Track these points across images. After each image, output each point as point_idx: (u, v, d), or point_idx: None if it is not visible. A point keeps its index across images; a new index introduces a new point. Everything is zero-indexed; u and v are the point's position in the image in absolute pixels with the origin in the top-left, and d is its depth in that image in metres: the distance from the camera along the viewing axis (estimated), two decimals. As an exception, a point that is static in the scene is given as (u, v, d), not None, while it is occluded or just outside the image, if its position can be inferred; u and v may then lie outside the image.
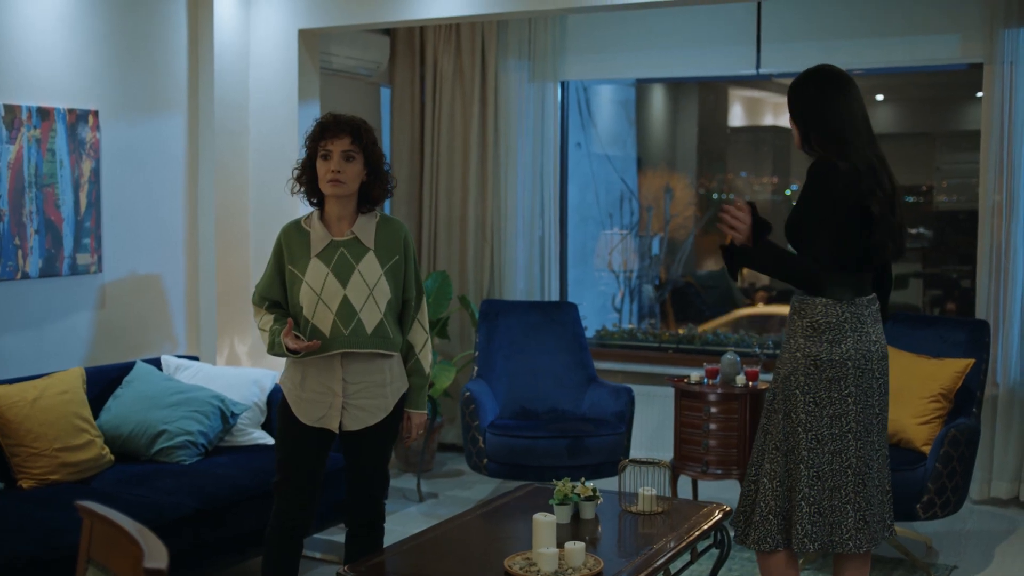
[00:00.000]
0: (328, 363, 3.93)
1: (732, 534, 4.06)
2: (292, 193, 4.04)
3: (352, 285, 3.90)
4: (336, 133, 3.88)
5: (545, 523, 3.76)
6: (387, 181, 4.02)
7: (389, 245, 4.00)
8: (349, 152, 3.88)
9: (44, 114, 5.05)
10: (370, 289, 3.91)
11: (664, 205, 8.93)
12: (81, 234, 5.25)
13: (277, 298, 4.00)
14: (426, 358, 4.14)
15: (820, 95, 3.80)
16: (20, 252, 4.97)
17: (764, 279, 9.27)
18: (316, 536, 5.45)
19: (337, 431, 4.01)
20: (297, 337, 3.86)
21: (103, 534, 2.08)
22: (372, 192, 3.98)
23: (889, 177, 3.76)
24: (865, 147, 3.74)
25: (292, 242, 3.97)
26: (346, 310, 3.88)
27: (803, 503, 3.70)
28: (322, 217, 3.99)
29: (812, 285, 3.71)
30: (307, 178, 3.97)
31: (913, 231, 9.65)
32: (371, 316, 3.91)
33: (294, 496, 4.02)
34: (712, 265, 9.62)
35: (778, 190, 9.83)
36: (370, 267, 3.93)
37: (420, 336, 4.13)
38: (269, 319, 3.98)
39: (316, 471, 4.08)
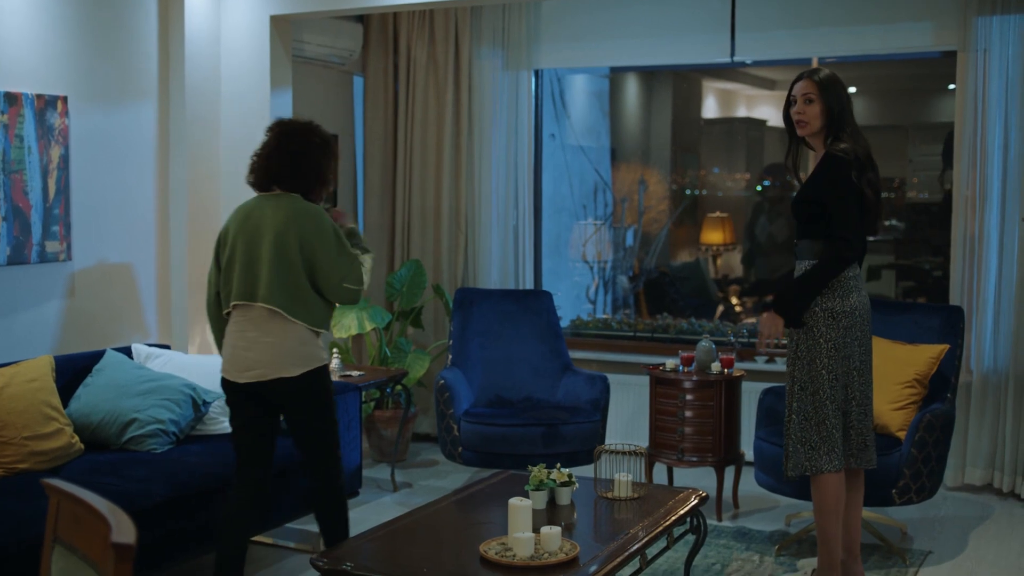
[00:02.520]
0: None
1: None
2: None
3: None
4: None
5: (521, 507, 3.73)
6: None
7: None
8: None
9: (12, 99, 4.98)
10: None
11: (638, 197, 8.91)
12: (50, 221, 5.18)
13: None
14: None
15: (846, 95, 4.43)
16: (-13, 239, 4.90)
17: (737, 271, 9.28)
18: (289, 526, 5.41)
19: None
20: None
21: (70, 512, 2.03)
22: None
23: (875, 167, 4.42)
24: (861, 141, 4.40)
25: None
26: None
27: (835, 432, 4.37)
28: None
29: (838, 269, 4.31)
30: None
31: (886, 223, 9.68)
32: None
33: None
34: (686, 257, 9.61)
35: (749, 186, 9.83)
36: None
37: None
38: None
39: None
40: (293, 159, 4.20)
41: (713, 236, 9.28)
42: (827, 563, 4.45)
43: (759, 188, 9.72)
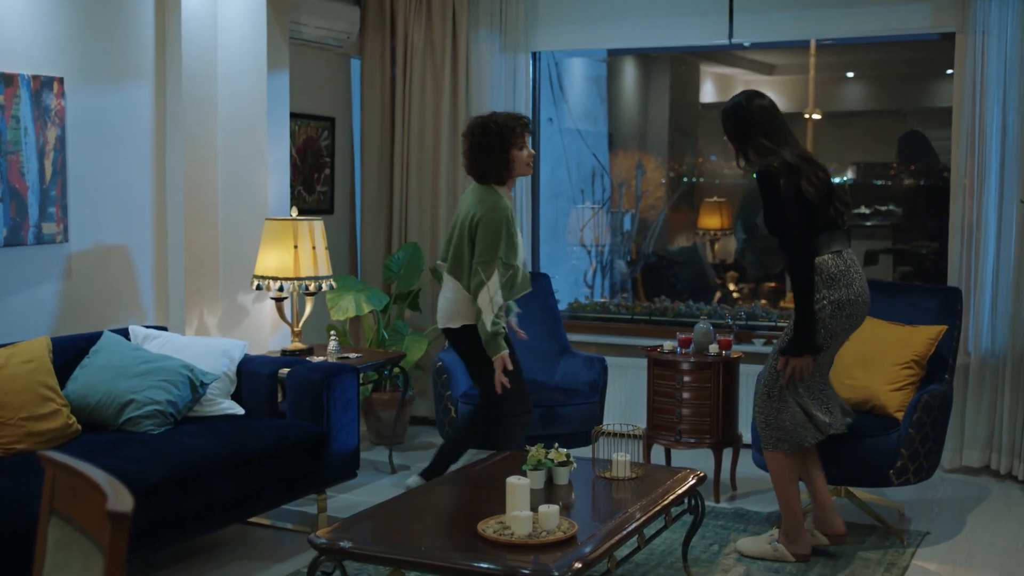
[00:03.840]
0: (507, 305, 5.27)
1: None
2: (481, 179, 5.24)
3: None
4: (526, 126, 5.20)
5: (519, 486, 3.73)
6: None
7: None
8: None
9: (8, 80, 4.96)
10: None
11: (636, 183, 8.90)
12: (47, 203, 5.17)
13: (515, 262, 5.15)
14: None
15: (754, 115, 4.72)
16: (-16, 220, 4.89)
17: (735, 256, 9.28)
18: (286, 507, 5.42)
19: None
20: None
21: (66, 484, 2.03)
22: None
23: (822, 167, 4.70)
24: (794, 149, 4.68)
25: (512, 216, 5.13)
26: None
27: (796, 415, 4.75)
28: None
29: (804, 269, 4.56)
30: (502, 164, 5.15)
31: (883, 208, 9.67)
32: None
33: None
34: (683, 242, 9.61)
35: (747, 173, 9.81)
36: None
37: None
38: (491, 316, 5.03)
39: None
40: (467, 154, 5.26)
41: (710, 221, 9.27)
42: (793, 525, 4.79)
43: (754, 176, 9.71)
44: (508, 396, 5.15)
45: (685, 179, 9.53)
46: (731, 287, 8.97)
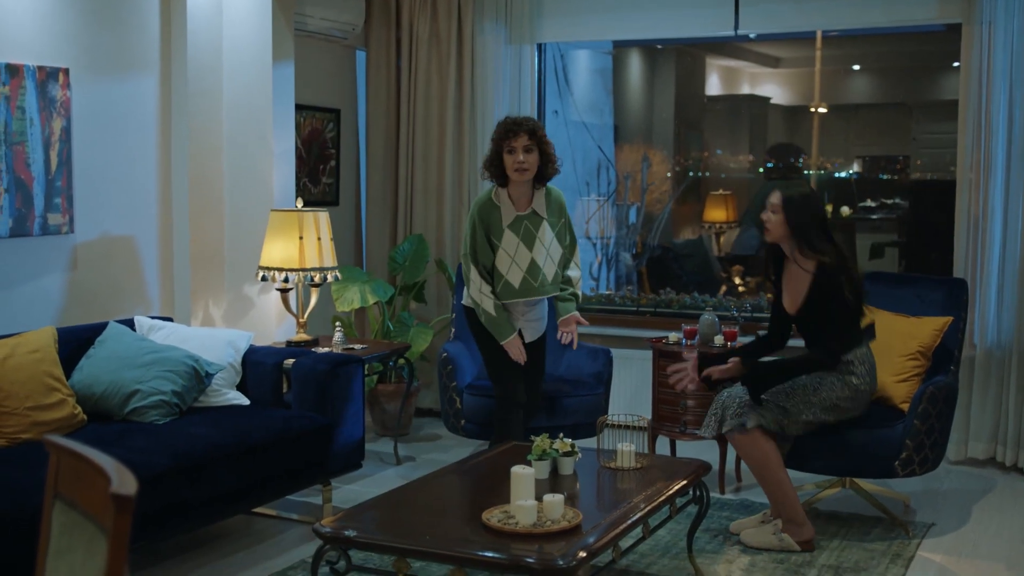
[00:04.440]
0: (513, 306, 5.27)
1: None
2: (482, 179, 5.35)
3: (536, 249, 5.16)
4: (516, 133, 5.07)
5: (524, 475, 3.73)
6: (555, 162, 5.24)
7: (555, 212, 5.26)
8: (528, 146, 5.07)
9: (13, 71, 4.96)
10: (547, 250, 5.21)
11: (641, 176, 8.89)
12: (52, 193, 5.17)
13: (488, 263, 5.19)
14: (578, 287, 5.40)
15: (817, 208, 4.96)
16: (-11, 211, 4.89)
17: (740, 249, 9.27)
18: (291, 498, 5.43)
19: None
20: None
21: (70, 468, 2.03)
22: (546, 173, 5.21)
23: (853, 266, 4.96)
24: (837, 247, 4.90)
25: (487, 216, 5.16)
26: (533, 269, 5.18)
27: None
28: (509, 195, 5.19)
29: (828, 367, 4.84)
30: (495, 167, 5.16)
31: (889, 201, 9.67)
32: (549, 271, 5.24)
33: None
34: (689, 234, 9.60)
35: (752, 168, 9.82)
36: (546, 232, 5.18)
37: (576, 273, 5.40)
38: (488, 290, 5.18)
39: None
40: None
41: (716, 214, 9.27)
42: (792, 512, 4.87)
43: (760, 171, 9.70)
44: (500, 382, 5.31)
45: (691, 173, 9.52)
46: (737, 280, 8.96)
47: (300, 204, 6.05)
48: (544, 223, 5.21)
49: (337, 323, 6.25)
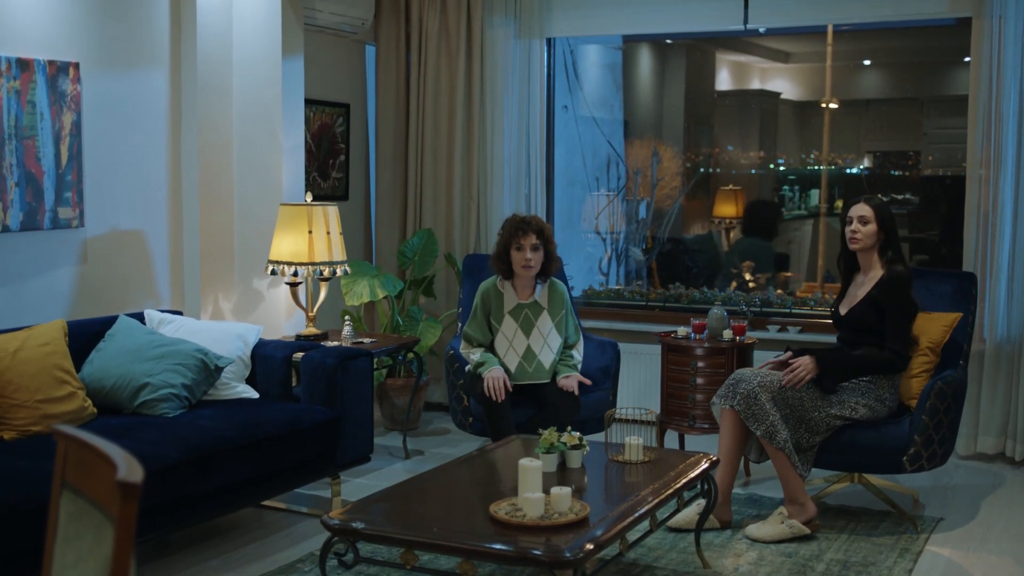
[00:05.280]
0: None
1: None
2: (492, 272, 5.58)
3: (533, 337, 5.46)
4: (526, 231, 5.37)
5: (531, 468, 3.74)
6: (557, 261, 5.52)
7: (557, 304, 5.53)
8: (535, 244, 5.38)
9: (24, 65, 4.98)
10: (544, 339, 5.48)
11: (652, 171, 8.88)
12: (62, 188, 5.19)
13: (485, 341, 5.49)
14: (579, 363, 5.60)
15: (894, 220, 5.17)
16: (0, 205, 4.91)
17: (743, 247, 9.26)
18: (300, 491, 5.44)
19: None
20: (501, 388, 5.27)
21: (78, 457, 2.04)
22: (549, 268, 5.48)
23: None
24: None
25: (489, 300, 5.51)
26: (529, 355, 5.46)
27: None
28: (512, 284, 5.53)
29: (898, 368, 5.05)
30: (502, 262, 5.48)
31: (900, 197, 9.64)
32: (546, 358, 5.48)
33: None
34: (698, 229, 9.59)
35: (763, 164, 9.80)
36: (545, 322, 5.48)
37: (578, 355, 5.61)
38: (478, 351, 5.46)
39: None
40: None
41: (726, 209, 9.25)
42: (793, 490, 4.98)
43: (771, 167, 9.69)
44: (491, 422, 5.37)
45: (701, 169, 9.51)
46: (747, 276, 8.96)
47: (309, 199, 6.06)
48: (544, 313, 5.51)
49: (346, 317, 6.26)
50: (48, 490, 3.66)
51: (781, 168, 9.78)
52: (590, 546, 3.42)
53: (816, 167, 9.42)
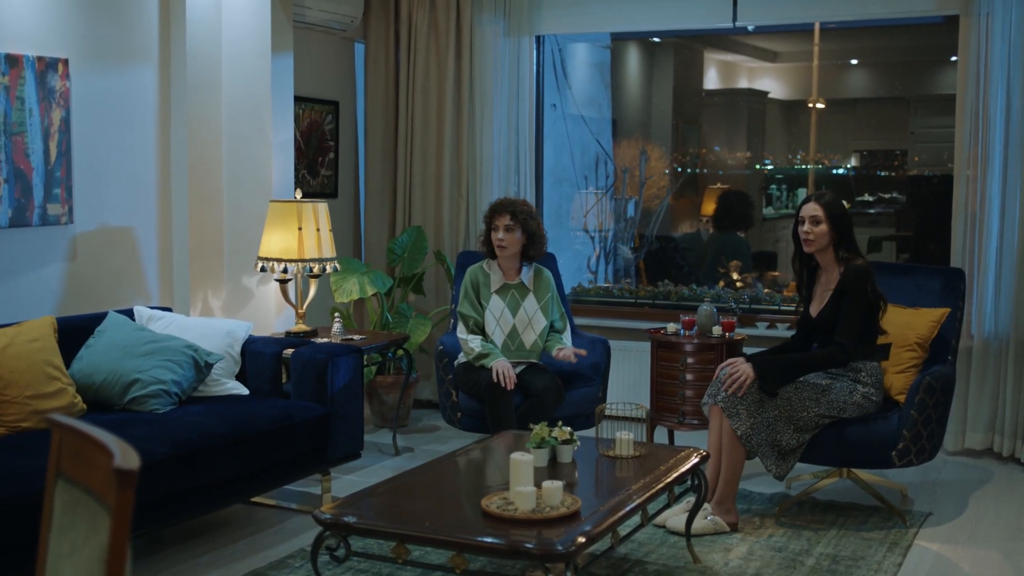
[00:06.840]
0: None
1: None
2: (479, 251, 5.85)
3: (519, 316, 5.69)
4: (501, 212, 5.61)
5: (523, 462, 3.74)
6: (542, 242, 5.73)
7: (542, 287, 5.76)
8: (509, 225, 5.58)
9: (12, 61, 4.97)
10: (529, 319, 5.70)
11: (640, 170, 8.90)
12: (51, 184, 5.18)
13: (477, 317, 5.66)
14: (565, 344, 5.76)
15: (848, 217, 5.07)
16: (-11, 201, 4.90)
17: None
18: (290, 487, 5.44)
19: None
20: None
21: (72, 446, 2.04)
22: (530, 251, 5.69)
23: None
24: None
25: (476, 281, 5.70)
26: (514, 334, 5.67)
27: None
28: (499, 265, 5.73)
29: (839, 363, 4.96)
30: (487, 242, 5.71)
31: (887, 196, 9.67)
32: (528, 338, 5.69)
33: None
34: (686, 228, 9.61)
35: (750, 165, 9.82)
36: (530, 303, 5.71)
37: (564, 338, 5.80)
38: (477, 340, 5.61)
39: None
40: None
41: (714, 208, 9.27)
42: (730, 493, 5.00)
43: (757, 167, 9.71)
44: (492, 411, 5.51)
45: (688, 170, 9.52)
46: (734, 276, 8.98)
47: (299, 195, 6.05)
48: (531, 295, 5.73)
49: (336, 314, 6.26)
50: (40, 485, 3.65)
51: (768, 167, 9.81)
52: (582, 539, 3.43)
53: (803, 166, 9.45)
